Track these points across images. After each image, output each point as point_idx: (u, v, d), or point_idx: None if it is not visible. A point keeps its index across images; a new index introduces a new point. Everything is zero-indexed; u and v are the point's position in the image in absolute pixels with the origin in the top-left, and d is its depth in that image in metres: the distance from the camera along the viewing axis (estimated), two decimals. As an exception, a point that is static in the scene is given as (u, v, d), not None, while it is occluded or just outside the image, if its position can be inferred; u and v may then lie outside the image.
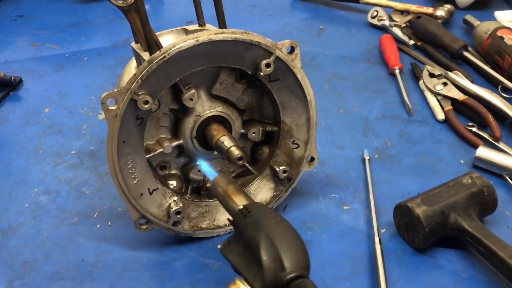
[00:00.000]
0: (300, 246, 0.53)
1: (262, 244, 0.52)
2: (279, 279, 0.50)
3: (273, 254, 0.51)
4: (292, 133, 0.79)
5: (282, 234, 0.53)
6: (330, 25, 1.42)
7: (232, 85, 0.75)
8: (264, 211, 0.57)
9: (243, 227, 0.56)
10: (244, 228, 0.56)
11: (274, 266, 0.51)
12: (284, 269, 0.50)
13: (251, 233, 0.54)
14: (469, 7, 1.44)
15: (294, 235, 0.54)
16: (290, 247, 0.52)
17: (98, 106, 1.10)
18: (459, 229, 0.73)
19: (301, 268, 0.51)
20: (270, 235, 0.53)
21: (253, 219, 0.56)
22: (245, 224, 0.56)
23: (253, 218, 0.56)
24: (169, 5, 1.58)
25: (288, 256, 0.51)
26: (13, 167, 0.95)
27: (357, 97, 1.12)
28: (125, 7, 0.69)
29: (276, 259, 0.51)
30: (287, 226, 0.55)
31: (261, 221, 0.55)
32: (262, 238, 0.53)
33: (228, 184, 0.63)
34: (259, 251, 0.52)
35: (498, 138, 0.96)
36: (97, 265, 0.76)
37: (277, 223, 0.55)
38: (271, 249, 0.52)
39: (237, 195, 0.61)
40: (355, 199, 0.86)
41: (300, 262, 0.51)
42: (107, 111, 0.64)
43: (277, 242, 0.52)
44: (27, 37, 1.40)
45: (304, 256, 0.53)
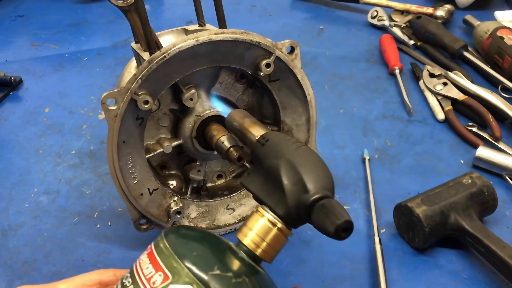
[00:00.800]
0: (323, 168, 0.51)
1: (283, 168, 0.50)
2: (303, 201, 0.48)
3: (295, 178, 0.49)
4: (292, 133, 0.79)
5: (303, 157, 0.51)
6: (330, 25, 1.42)
7: (232, 85, 0.75)
8: (282, 137, 0.55)
9: (262, 156, 0.54)
10: (264, 157, 0.54)
11: (296, 189, 0.49)
12: (307, 191, 0.48)
13: (270, 160, 0.52)
14: (469, 7, 1.44)
15: (315, 158, 0.52)
16: (312, 169, 0.50)
17: (98, 106, 1.10)
18: (459, 229, 0.73)
19: (325, 189, 0.48)
20: (291, 160, 0.50)
21: (271, 147, 0.54)
22: (264, 152, 0.54)
23: (271, 146, 0.54)
24: (169, 5, 1.58)
25: (310, 178, 0.48)
26: (13, 167, 0.95)
27: (357, 97, 1.12)
28: (125, 7, 0.69)
29: (298, 182, 0.49)
30: (307, 150, 0.52)
31: (280, 147, 0.53)
32: (282, 163, 0.50)
33: (244, 117, 0.61)
34: (280, 176, 0.50)
35: (498, 138, 0.96)
36: (97, 265, 0.76)
37: (297, 148, 0.52)
38: (292, 172, 0.49)
39: (254, 127, 0.59)
40: (355, 199, 0.86)
41: (323, 183, 0.49)
42: (107, 111, 0.64)
43: (298, 166, 0.50)
44: (27, 37, 1.40)
45: (327, 177, 0.50)
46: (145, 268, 0.47)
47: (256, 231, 0.50)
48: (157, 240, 0.50)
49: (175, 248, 0.47)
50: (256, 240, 0.50)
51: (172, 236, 0.50)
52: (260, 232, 0.50)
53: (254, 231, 0.50)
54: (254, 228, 0.50)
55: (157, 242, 0.50)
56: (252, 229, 0.50)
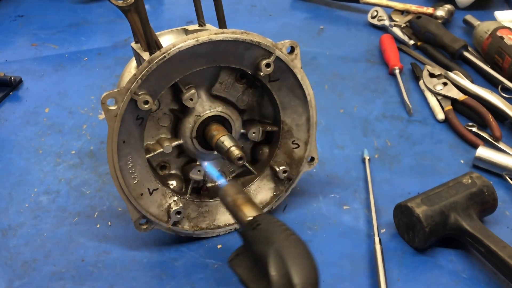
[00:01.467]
0: (310, 262, 0.52)
1: (271, 259, 0.51)
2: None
3: (282, 270, 0.50)
4: (292, 133, 0.79)
5: (292, 249, 0.52)
6: (330, 25, 1.42)
7: (232, 85, 0.75)
8: (273, 223, 0.56)
9: (252, 240, 0.56)
10: (253, 241, 0.55)
11: (282, 282, 0.50)
12: (292, 285, 0.49)
13: (260, 247, 0.53)
14: (469, 7, 1.44)
15: (304, 250, 0.53)
16: (300, 263, 0.51)
17: (98, 106, 1.10)
18: (459, 229, 0.73)
19: (310, 284, 0.50)
20: (280, 250, 0.52)
21: (262, 232, 0.55)
22: (254, 237, 0.55)
23: (262, 231, 0.55)
24: (169, 5, 1.58)
25: (297, 272, 0.50)
26: (13, 167, 0.95)
27: (357, 97, 1.12)
28: (125, 7, 0.69)
29: (285, 275, 0.50)
30: (297, 241, 0.54)
31: (270, 234, 0.54)
32: (271, 253, 0.52)
33: (238, 193, 0.62)
34: (268, 266, 0.51)
35: (498, 138, 0.96)
36: (97, 265, 0.76)
37: (287, 237, 0.54)
38: (280, 264, 0.51)
39: (246, 206, 0.60)
40: (355, 199, 0.86)
41: (309, 279, 0.50)
42: (107, 111, 0.64)
43: (286, 257, 0.51)
44: (27, 37, 1.40)
45: (314, 272, 0.52)
46: None
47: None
48: None
49: None
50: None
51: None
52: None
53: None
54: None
55: None
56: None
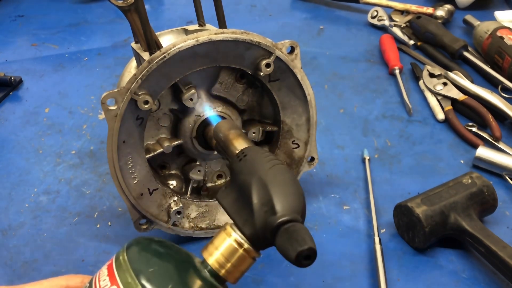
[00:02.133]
0: (295, 189, 0.49)
1: (254, 187, 0.49)
2: (269, 223, 0.46)
3: (265, 198, 0.48)
4: (292, 133, 0.79)
5: (276, 176, 0.50)
6: (330, 25, 1.42)
7: (232, 85, 0.75)
8: (259, 154, 0.54)
9: (238, 171, 0.53)
10: (239, 172, 0.53)
11: (264, 209, 0.47)
12: (275, 212, 0.46)
13: (244, 176, 0.51)
14: (469, 7, 1.44)
15: (289, 178, 0.50)
16: (283, 190, 0.48)
17: (98, 106, 1.10)
18: (459, 229, 0.73)
19: (294, 212, 0.47)
20: (263, 178, 0.49)
21: (248, 163, 0.53)
22: (240, 167, 0.53)
23: (248, 162, 0.53)
24: (169, 5, 1.58)
25: (280, 199, 0.47)
26: (13, 167, 0.95)
27: (357, 97, 1.12)
28: (125, 7, 0.69)
29: (267, 202, 0.47)
30: (281, 169, 0.51)
31: (255, 164, 0.52)
32: (254, 181, 0.49)
33: (230, 129, 0.60)
34: (251, 195, 0.49)
35: (498, 138, 0.96)
36: (97, 265, 0.76)
37: (272, 166, 0.51)
38: (262, 192, 0.48)
39: (237, 140, 0.58)
40: (355, 199, 0.86)
41: (293, 206, 0.47)
42: (107, 111, 0.64)
43: (269, 185, 0.48)
44: (27, 37, 1.40)
45: (298, 199, 0.49)
46: (102, 280, 0.47)
47: (221, 251, 0.49)
48: (118, 252, 0.49)
49: (133, 262, 0.47)
50: (220, 260, 0.49)
51: (133, 249, 0.49)
52: (225, 252, 0.49)
53: (219, 251, 0.49)
54: (220, 247, 0.49)
55: (118, 255, 0.49)
56: (218, 249, 0.50)
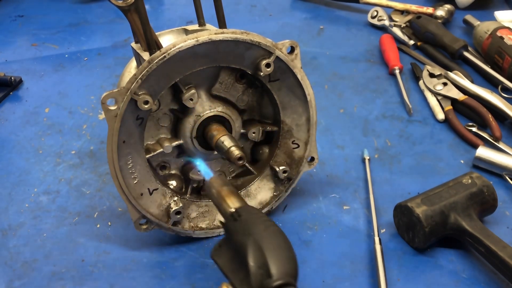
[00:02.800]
0: (289, 253, 0.52)
1: (250, 249, 0.51)
2: (265, 285, 0.49)
3: (260, 260, 0.50)
4: (292, 133, 0.79)
5: (271, 240, 0.52)
6: (330, 25, 1.42)
7: (232, 85, 0.75)
8: (254, 215, 0.56)
9: (233, 231, 0.56)
10: (234, 232, 0.55)
11: (260, 272, 0.50)
12: (270, 276, 0.49)
13: (240, 237, 0.54)
14: (469, 7, 1.44)
15: (282, 241, 0.53)
16: (278, 254, 0.51)
17: (98, 106, 1.10)
18: (459, 229, 0.73)
19: (288, 275, 0.50)
20: (258, 241, 0.52)
21: (243, 223, 0.55)
22: (235, 228, 0.56)
23: (243, 222, 0.55)
24: (169, 5, 1.58)
25: (275, 263, 0.50)
26: (13, 167, 0.95)
27: (357, 97, 1.12)
28: (125, 7, 0.69)
29: (262, 265, 0.50)
30: (276, 232, 0.54)
31: (250, 225, 0.54)
32: (250, 243, 0.52)
33: (223, 185, 0.62)
34: (247, 256, 0.51)
35: (498, 138, 0.96)
36: (97, 265, 0.76)
37: (266, 228, 0.54)
38: (258, 255, 0.51)
39: (230, 197, 0.60)
40: (355, 199, 0.86)
41: (287, 269, 0.50)
42: (107, 111, 0.64)
43: (265, 248, 0.51)
44: (27, 37, 1.40)
45: (292, 263, 0.52)
46: None
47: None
48: None
49: None
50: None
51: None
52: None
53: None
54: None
55: None
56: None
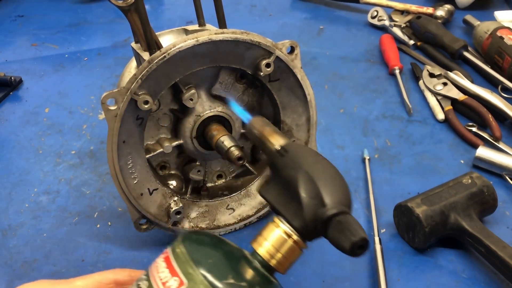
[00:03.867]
0: (341, 183, 0.51)
1: (301, 181, 0.50)
2: (320, 215, 0.47)
3: (313, 191, 0.49)
4: (292, 133, 0.79)
5: (322, 171, 0.51)
6: (330, 25, 1.42)
7: (232, 85, 0.75)
8: (302, 149, 0.55)
9: (281, 167, 0.54)
10: (282, 168, 0.54)
11: (314, 203, 0.48)
12: (324, 205, 0.47)
13: (289, 171, 0.52)
14: (469, 7, 1.44)
15: (334, 172, 0.52)
16: (331, 184, 0.49)
17: (98, 106, 1.10)
18: (459, 229, 0.73)
19: (342, 204, 0.48)
20: (309, 173, 0.50)
21: (291, 158, 0.53)
22: (283, 163, 0.54)
23: (291, 157, 0.54)
24: (169, 5, 1.58)
25: (328, 193, 0.48)
26: (13, 167, 0.95)
27: (357, 97, 1.12)
28: (125, 7, 0.69)
29: (316, 196, 0.48)
30: (327, 164, 0.52)
31: (299, 159, 0.53)
32: (300, 176, 0.50)
33: (264, 125, 0.60)
34: (298, 189, 0.49)
35: (498, 138, 0.96)
36: (97, 265, 0.76)
37: (317, 161, 0.52)
38: (310, 186, 0.49)
39: (274, 136, 0.58)
40: (355, 199, 0.86)
41: (341, 199, 0.49)
42: (107, 111, 0.64)
43: (316, 179, 0.49)
44: (27, 37, 1.40)
45: (346, 193, 0.50)
46: (161, 272, 0.48)
47: (271, 241, 0.50)
48: (174, 244, 0.50)
49: (192, 253, 0.48)
50: (271, 251, 0.50)
51: (189, 241, 0.50)
52: (275, 243, 0.50)
53: (269, 242, 0.50)
54: (269, 238, 0.50)
55: (174, 247, 0.50)
56: (267, 239, 0.50)
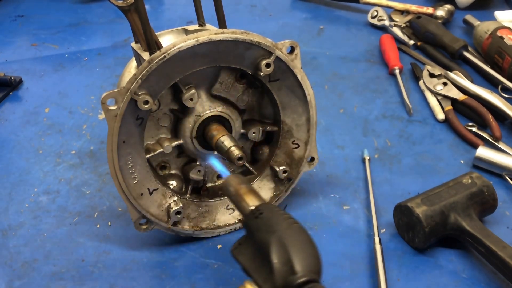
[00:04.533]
0: (312, 250, 0.52)
1: (273, 246, 0.51)
2: (290, 282, 0.48)
3: (284, 257, 0.50)
4: (292, 133, 0.79)
5: (294, 237, 0.52)
6: (330, 25, 1.42)
7: (232, 85, 0.75)
8: (276, 212, 0.56)
9: (255, 229, 0.55)
10: (256, 230, 0.55)
11: (284, 269, 0.49)
12: (295, 272, 0.49)
13: (262, 235, 0.53)
14: (469, 7, 1.44)
15: (306, 238, 0.53)
16: (302, 251, 0.51)
17: (98, 106, 1.10)
18: (459, 229, 0.73)
19: (312, 272, 0.49)
20: (282, 238, 0.51)
21: (264, 221, 0.55)
22: (257, 225, 0.55)
23: (264, 220, 0.55)
24: (169, 5, 1.58)
25: (299, 260, 0.49)
26: (13, 167, 0.95)
27: (357, 97, 1.12)
28: (125, 7, 0.69)
29: (287, 262, 0.50)
30: (299, 229, 0.54)
31: (272, 223, 0.54)
32: (273, 241, 0.51)
33: (240, 183, 0.62)
34: (270, 254, 0.51)
35: (498, 138, 0.96)
36: (97, 265, 0.76)
37: (289, 226, 0.53)
38: (282, 252, 0.50)
39: (249, 196, 0.60)
40: (355, 199, 0.86)
41: (311, 266, 0.50)
42: (107, 111, 0.64)
43: (288, 245, 0.51)
44: (27, 37, 1.40)
45: (316, 260, 0.51)
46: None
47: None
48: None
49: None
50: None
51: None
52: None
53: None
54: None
55: None
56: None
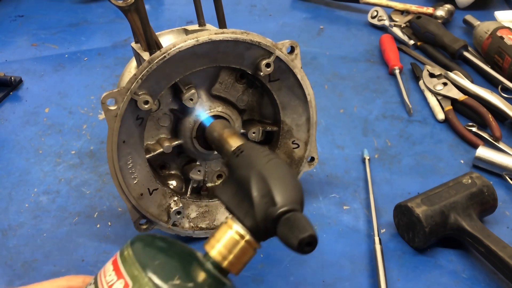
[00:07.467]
0: (292, 181, 0.51)
1: (253, 180, 0.50)
2: (270, 214, 0.48)
3: (264, 190, 0.49)
4: (292, 133, 0.79)
5: (274, 170, 0.51)
6: (330, 25, 1.42)
7: (232, 85, 0.75)
8: (256, 149, 0.56)
9: (235, 167, 0.55)
10: (236, 168, 0.55)
11: (264, 201, 0.49)
12: (275, 204, 0.48)
13: (242, 171, 0.53)
14: (469, 7, 1.44)
15: (286, 171, 0.52)
16: (282, 182, 0.50)
17: (98, 106, 1.10)
18: (459, 229, 0.73)
19: (293, 202, 0.48)
20: (261, 172, 0.51)
21: (245, 158, 0.55)
22: (237, 163, 0.55)
23: (245, 157, 0.55)
24: (169, 5, 1.58)
25: (279, 191, 0.49)
26: (13, 167, 0.95)
27: (357, 97, 1.12)
28: (125, 7, 0.69)
29: (266, 194, 0.49)
30: (278, 163, 0.53)
31: (252, 159, 0.54)
32: (252, 175, 0.51)
33: (224, 128, 0.61)
34: (250, 188, 0.50)
35: (498, 138, 0.96)
36: (97, 265, 0.76)
37: (269, 160, 0.53)
38: (262, 185, 0.50)
39: (232, 138, 0.59)
40: (355, 199, 0.86)
41: (291, 197, 0.49)
42: (107, 111, 0.64)
43: (268, 178, 0.50)
44: (27, 37, 1.40)
45: (297, 191, 0.50)
46: (108, 275, 0.48)
47: (223, 243, 0.50)
48: (123, 248, 0.50)
49: (139, 256, 0.48)
50: (223, 252, 0.50)
51: (138, 244, 0.50)
52: (227, 244, 0.50)
53: (221, 243, 0.50)
54: (222, 240, 0.50)
55: (122, 250, 0.50)
56: (219, 241, 0.50)
